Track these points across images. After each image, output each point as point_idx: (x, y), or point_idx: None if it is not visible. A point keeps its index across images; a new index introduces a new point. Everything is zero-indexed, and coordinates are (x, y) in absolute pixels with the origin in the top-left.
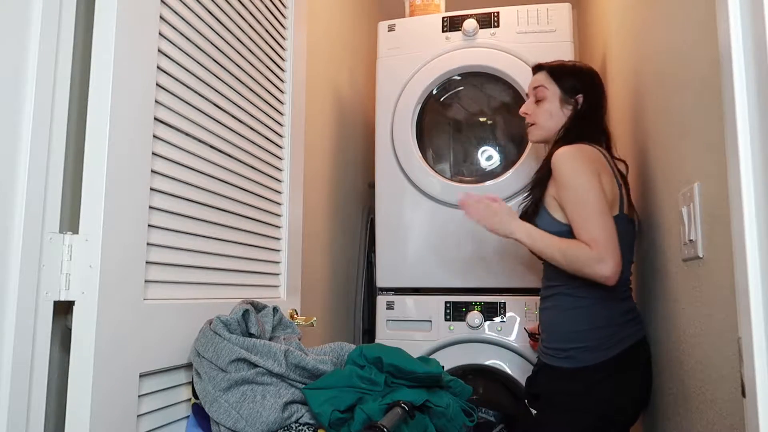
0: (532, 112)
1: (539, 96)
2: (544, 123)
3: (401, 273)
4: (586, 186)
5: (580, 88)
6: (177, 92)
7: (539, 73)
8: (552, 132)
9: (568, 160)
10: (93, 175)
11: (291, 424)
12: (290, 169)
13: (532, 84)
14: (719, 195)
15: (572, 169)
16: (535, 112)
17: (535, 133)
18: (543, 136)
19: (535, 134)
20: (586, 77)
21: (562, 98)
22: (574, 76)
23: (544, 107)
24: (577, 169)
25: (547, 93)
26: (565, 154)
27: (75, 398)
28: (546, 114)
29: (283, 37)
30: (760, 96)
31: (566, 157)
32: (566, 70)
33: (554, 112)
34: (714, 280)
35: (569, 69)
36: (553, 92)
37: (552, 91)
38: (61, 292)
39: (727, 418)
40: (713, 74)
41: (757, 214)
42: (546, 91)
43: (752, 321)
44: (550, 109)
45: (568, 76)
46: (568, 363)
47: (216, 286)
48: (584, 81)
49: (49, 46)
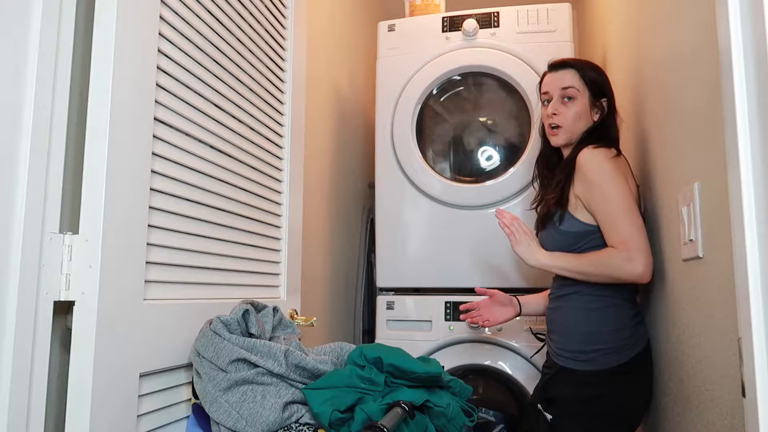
0: (561, 112)
1: (570, 95)
2: (571, 126)
3: (401, 273)
4: (615, 184)
5: (605, 90)
6: (177, 92)
7: (567, 71)
8: (576, 136)
9: (597, 159)
10: (93, 175)
11: (291, 424)
12: (290, 169)
13: (559, 82)
14: (719, 195)
15: (600, 169)
16: (564, 113)
17: (561, 137)
18: (567, 140)
19: (560, 137)
20: (606, 79)
21: (590, 101)
22: (601, 79)
23: (574, 109)
24: (605, 168)
25: (578, 94)
26: (592, 154)
27: (75, 398)
28: (575, 116)
29: (283, 37)
30: (760, 96)
31: (594, 156)
32: (592, 70)
33: (583, 114)
34: (714, 280)
35: (594, 69)
36: (584, 94)
37: (582, 93)
38: (61, 292)
39: (727, 418)
40: (713, 74)
41: (757, 214)
42: (577, 92)
43: (752, 321)
44: (579, 111)
45: (594, 77)
46: (588, 366)
47: (216, 286)
48: (606, 83)
49: (49, 46)
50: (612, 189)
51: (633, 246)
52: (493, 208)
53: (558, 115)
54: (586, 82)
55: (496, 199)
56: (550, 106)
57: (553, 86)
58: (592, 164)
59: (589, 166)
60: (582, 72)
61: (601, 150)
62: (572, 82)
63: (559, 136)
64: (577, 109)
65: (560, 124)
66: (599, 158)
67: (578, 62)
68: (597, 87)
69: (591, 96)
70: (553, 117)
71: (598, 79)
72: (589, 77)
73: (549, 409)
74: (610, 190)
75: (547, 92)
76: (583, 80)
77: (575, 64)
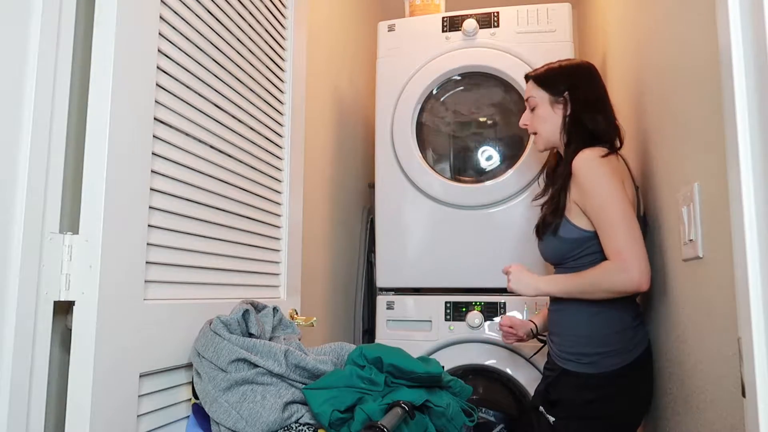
0: (530, 122)
1: (531, 105)
2: (542, 129)
3: (401, 273)
4: (610, 191)
5: (567, 85)
6: (177, 92)
7: (528, 85)
8: (554, 136)
9: (591, 165)
10: (93, 175)
11: (291, 424)
12: (290, 169)
13: (525, 96)
14: (719, 195)
15: (595, 175)
16: (532, 121)
17: (539, 142)
18: (547, 142)
19: (539, 143)
20: (573, 73)
21: (551, 100)
22: (558, 75)
23: (537, 114)
24: (601, 174)
25: (536, 101)
26: (587, 159)
27: (75, 398)
28: (540, 120)
29: (283, 37)
30: (760, 96)
31: (589, 162)
32: (550, 73)
33: (546, 115)
34: (714, 280)
35: (554, 70)
36: (541, 97)
37: (540, 97)
38: (61, 292)
39: (727, 418)
40: (713, 74)
41: (757, 214)
42: (535, 100)
43: (752, 321)
44: (542, 114)
45: (552, 78)
46: (591, 369)
47: (216, 286)
48: (571, 77)
49: (49, 46)
50: (607, 197)
51: (627, 256)
52: (493, 208)
53: (528, 124)
54: (541, 86)
55: (496, 199)
56: (521, 118)
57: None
58: (585, 170)
59: (582, 173)
60: (536, 79)
61: (594, 151)
62: (530, 92)
63: (538, 143)
64: (540, 113)
65: (534, 131)
66: (592, 164)
67: (538, 70)
68: (553, 84)
69: (550, 96)
70: (526, 126)
71: (555, 75)
72: (543, 80)
73: (552, 411)
74: (605, 198)
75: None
76: (538, 86)
77: (532, 74)
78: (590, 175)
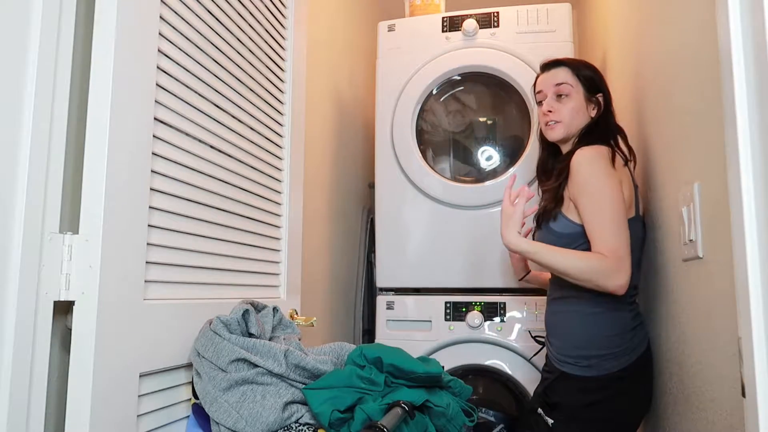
0: (557, 109)
1: (563, 92)
2: (570, 121)
3: (401, 273)
4: (606, 191)
5: (599, 86)
6: (177, 92)
7: (559, 69)
8: (575, 130)
9: (591, 163)
10: (93, 175)
11: (291, 424)
12: (290, 169)
13: (552, 80)
14: (719, 195)
15: (592, 174)
16: (559, 109)
17: (559, 131)
18: (565, 134)
19: (558, 131)
20: (600, 75)
21: (585, 96)
22: (595, 75)
23: (570, 105)
24: (598, 173)
25: (572, 90)
26: (585, 156)
27: (75, 398)
28: (572, 112)
29: (283, 38)
30: (760, 96)
31: (588, 159)
32: (588, 70)
33: (580, 110)
34: (714, 280)
35: (587, 66)
36: (578, 90)
37: (576, 89)
38: (61, 292)
39: (727, 418)
40: (713, 74)
41: (757, 214)
42: (571, 89)
43: (752, 321)
44: (575, 106)
45: (588, 74)
46: (590, 372)
47: (216, 286)
48: (601, 79)
49: (49, 46)
50: (601, 195)
51: (620, 260)
52: (493, 208)
53: (554, 112)
54: (580, 78)
55: (496, 199)
56: (545, 104)
57: (546, 84)
58: (584, 166)
59: (579, 168)
60: (574, 68)
61: (596, 149)
62: (565, 78)
63: (557, 131)
64: (573, 104)
65: (558, 119)
66: (591, 160)
67: (570, 60)
68: (591, 83)
69: (585, 92)
70: (549, 114)
71: (592, 76)
72: (583, 74)
73: (550, 414)
74: (599, 196)
75: (541, 91)
76: (576, 76)
77: (567, 62)
78: (586, 172)
